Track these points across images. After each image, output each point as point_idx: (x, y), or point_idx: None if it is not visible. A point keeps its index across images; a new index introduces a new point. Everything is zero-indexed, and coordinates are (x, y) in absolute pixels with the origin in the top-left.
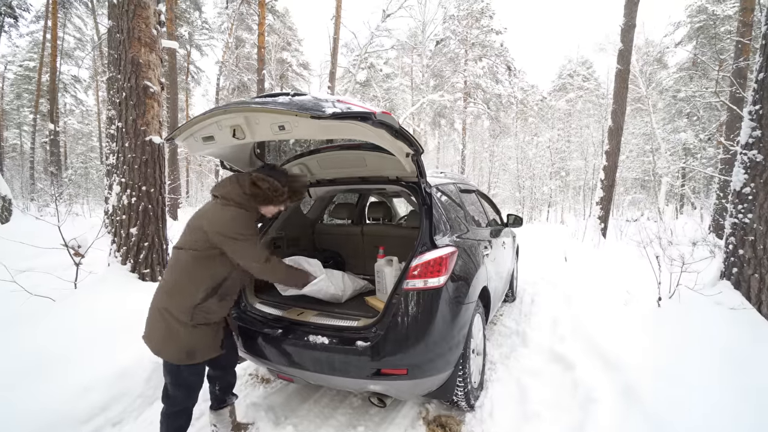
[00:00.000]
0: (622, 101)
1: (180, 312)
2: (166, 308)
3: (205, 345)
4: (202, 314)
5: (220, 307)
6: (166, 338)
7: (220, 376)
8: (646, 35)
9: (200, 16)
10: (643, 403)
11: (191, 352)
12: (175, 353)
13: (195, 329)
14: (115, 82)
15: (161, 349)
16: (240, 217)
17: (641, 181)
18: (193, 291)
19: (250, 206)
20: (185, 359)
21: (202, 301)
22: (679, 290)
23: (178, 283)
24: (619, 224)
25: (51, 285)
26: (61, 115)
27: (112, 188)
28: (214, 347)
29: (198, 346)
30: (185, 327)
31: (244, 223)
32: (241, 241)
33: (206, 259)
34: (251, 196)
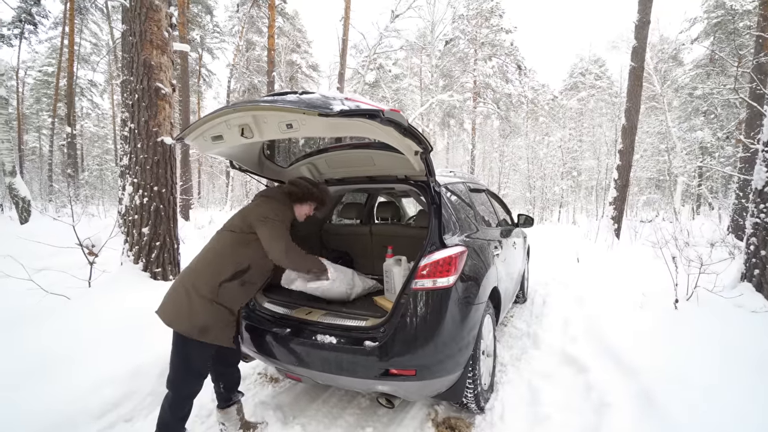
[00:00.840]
0: (636, 99)
1: (205, 286)
2: (192, 284)
3: (220, 327)
4: (225, 293)
5: (240, 293)
6: (182, 310)
7: (225, 373)
8: (661, 32)
9: (211, 20)
10: (659, 408)
11: (205, 328)
12: (187, 326)
13: (214, 306)
14: (128, 85)
15: (174, 319)
16: (276, 205)
17: (656, 181)
18: (221, 268)
19: (285, 202)
20: (197, 334)
21: (228, 279)
22: (697, 292)
23: (207, 259)
24: (633, 225)
25: (66, 283)
26: (77, 118)
27: (125, 189)
28: (227, 335)
29: (213, 325)
30: (205, 301)
31: (278, 209)
32: (271, 220)
33: (240, 242)
34: (288, 194)
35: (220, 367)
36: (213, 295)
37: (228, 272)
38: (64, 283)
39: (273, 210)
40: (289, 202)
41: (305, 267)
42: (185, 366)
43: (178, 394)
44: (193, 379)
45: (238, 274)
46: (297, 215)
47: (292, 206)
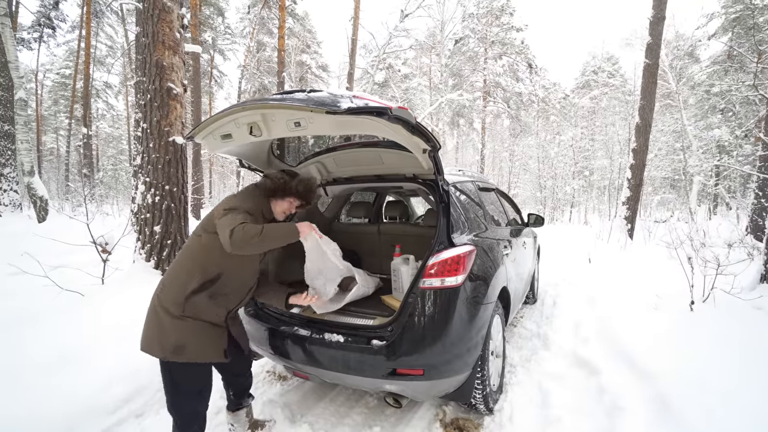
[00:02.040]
0: (651, 97)
1: (170, 302)
2: (160, 301)
3: (198, 343)
4: (192, 308)
5: (210, 306)
6: (152, 332)
7: (233, 382)
8: (677, 28)
9: (223, 22)
10: (675, 412)
11: (178, 347)
12: (158, 347)
13: (184, 322)
14: (141, 85)
15: (145, 344)
16: (243, 196)
17: (671, 181)
18: (187, 279)
19: (257, 196)
20: (170, 354)
21: (192, 292)
22: (714, 294)
23: (174, 271)
24: (647, 225)
25: (80, 281)
26: (93, 119)
27: (138, 188)
28: (212, 351)
29: (187, 342)
30: (173, 319)
31: (244, 199)
32: (231, 210)
33: (207, 246)
34: (261, 189)
35: (229, 376)
36: (179, 310)
37: (194, 283)
38: (78, 281)
39: (238, 199)
40: (264, 197)
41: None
42: (175, 389)
43: (179, 416)
44: (190, 399)
45: (206, 285)
46: (275, 213)
47: (267, 202)
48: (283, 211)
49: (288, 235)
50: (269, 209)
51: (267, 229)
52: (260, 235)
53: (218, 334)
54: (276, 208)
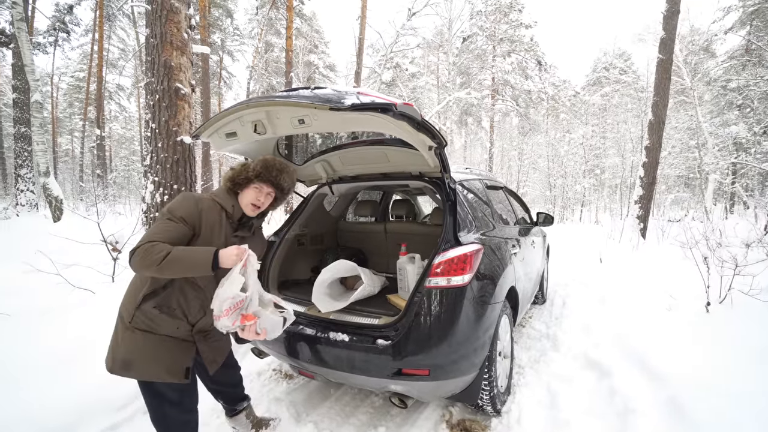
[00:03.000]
0: (665, 93)
1: (124, 308)
2: (119, 308)
3: (146, 359)
4: (143, 318)
5: (161, 318)
6: (111, 340)
7: (220, 392)
8: (692, 22)
9: (232, 23)
10: (688, 416)
11: (126, 362)
12: (110, 359)
13: (133, 334)
14: (150, 86)
15: (106, 355)
16: (189, 196)
17: (685, 179)
18: (140, 285)
19: (224, 196)
20: (118, 369)
21: (143, 300)
22: (731, 294)
23: (132, 279)
24: (661, 225)
25: (92, 279)
26: (106, 121)
27: (148, 187)
28: (164, 369)
29: (134, 357)
30: (124, 328)
31: (181, 204)
32: (161, 220)
33: None
34: (224, 181)
35: (212, 387)
36: (129, 318)
37: (145, 289)
38: (90, 279)
39: (178, 203)
40: (231, 192)
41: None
42: (152, 401)
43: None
44: (172, 410)
45: (150, 296)
46: (244, 207)
47: (235, 198)
48: (250, 202)
49: (198, 265)
50: (238, 206)
51: (174, 255)
52: (162, 261)
53: (179, 350)
54: (243, 200)
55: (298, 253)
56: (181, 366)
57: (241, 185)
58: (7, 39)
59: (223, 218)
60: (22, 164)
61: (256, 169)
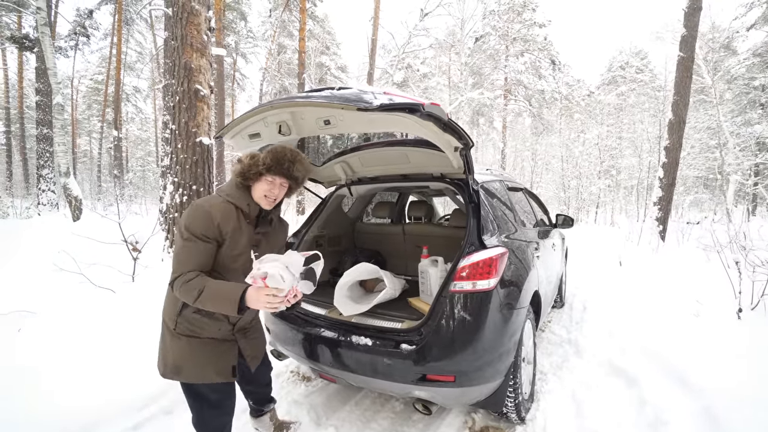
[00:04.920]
0: (685, 92)
1: (167, 317)
2: (162, 314)
3: (196, 364)
4: (186, 324)
5: (204, 321)
6: (160, 346)
7: (253, 392)
8: (713, 19)
9: (245, 26)
10: (726, 429)
11: (177, 368)
12: (161, 364)
13: (179, 340)
14: (169, 88)
15: (158, 360)
16: (201, 209)
17: (704, 180)
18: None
19: (237, 194)
20: (169, 373)
21: (183, 306)
22: (764, 301)
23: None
24: (680, 227)
25: (112, 278)
26: (123, 122)
27: (166, 188)
28: (213, 371)
29: (184, 362)
30: (171, 335)
31: (195, 220)
32: (182, 240)
33: None
34: (234, 175)
35: (247, 386)
36: (173, 326)
37: (180, 302)
38: (110, 278)
39: (190, 216)
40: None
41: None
42: (196, 404)
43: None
44: (213, 413)
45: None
46: (258, 200)
47: (248, 192)
48: (263, 194)
49: (227, 306)
50: (253, 203)
51: (204, 296)
52: (196, 300)
53: (224, 350)
54: (255, 194)
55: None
56: (228, 365)
57: (252, 179)
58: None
59: (241, 219)
60: (43, 165)
61: (266, 162)
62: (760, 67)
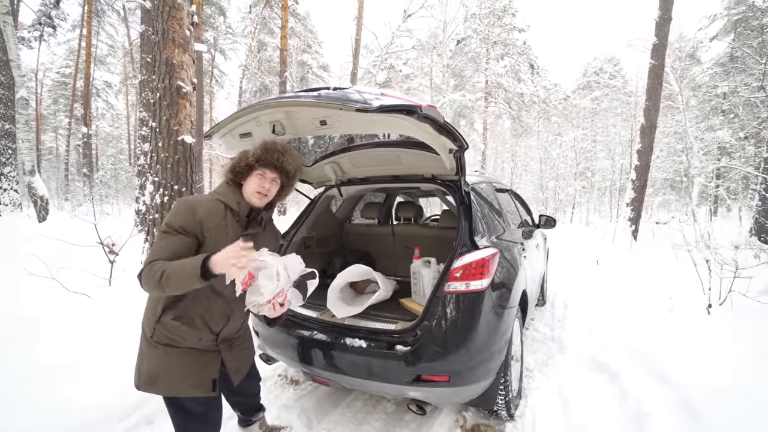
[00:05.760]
0: (656, 98)
1: (146, 323)
2: (142, 320)
3: (173, 374)
4: (164, 332)
5: (182, 331)
6: (137, 357)
7: (240, 403)
8: (680, 30)
9: (224, 21)
10: (703, 419)
11: (151, 378)
12: (136, 374)
13: (155, 349)
14: (147, 84)
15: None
16: (185, 204)
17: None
18: (156, 300)
19: (228, 193)
20: (143, 385)
21: (163, 312)
22: (731, 297)
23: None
24: (650, 227)
25: (87, 282)
26: (93, 118)
27: (146, 188)
28: (191, 384)
29: (160, 373)
30: (148, 343)
31: (176, 214)
32: (160, 233)
33: None
34: (225, 172)
35: (234, 398)
36: (150, 333)
37: (161, 305)
38: (84, 282)
39: (174, 213)
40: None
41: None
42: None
43: None
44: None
45: (169, 308)
46: (248, 197)
47: (238, 188)
48: (255, 190)
49: (187, 279)
50: (244, 202)
51: (167, 272)
52: (160, 280)
53: (204, 362)
54: (247, 191)
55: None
56: (208, 378)
57: (242, 174)
58: None
59: (228, 218)
60: (6, 162)
61: (255, 154)
62: (722, 76)
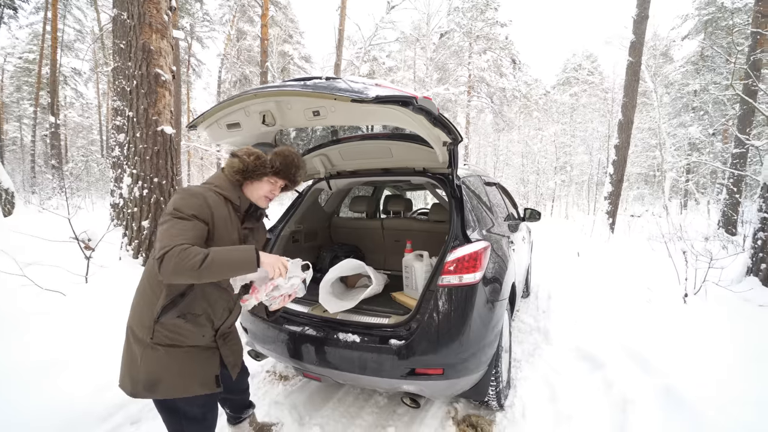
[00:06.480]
0: (633, 94)
1: (138, 325)
2: (129, 325)
3: (176, 375)
4: (165, 332)
5: (186, 329)
6: (125, 361)
7: (230, 399)
8: (655, 28)
9: (201, 8)
10: (684, 403)
11: (152, 382)
12: (129, 382)
13: (155, 351)
14: (121, 72)
15: (120, 377)
16: (192, 192)
17: (645, 176)
18: (151, 296)
19: (228, 187)
20: (143, 391)
21: (163, 312)
22: (705, 286)
23: (139, 288)
24: (626, 219)
25: (60, 279)
26: (61, 107)
27: (123, 180)
28: (196, 382)
29: (162, 375)
30: (143, 346)
31: (188, 201)
32: (172, 219)
33: None
34: (225, 169)
35: (225, 394)
36: (148, 335)
37: (162, 300)
38: (58, 279)
39: (182, 200)
40: (234, 183)
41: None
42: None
43: None
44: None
45: (170, 306)
46: (254, 199)
47: (239, 188)
48: (263, 195)
49: (242, 265)
50: (244, 197)
51: (214, 256)
52: (202, 264)
53: (206, 359)
54: (253, 194)
55: (293, 250)
56: (211, 375)
57: (253, 178)
58: None
59: (230, 211)
60: None
61: (275, 166)
62: (693, 74)
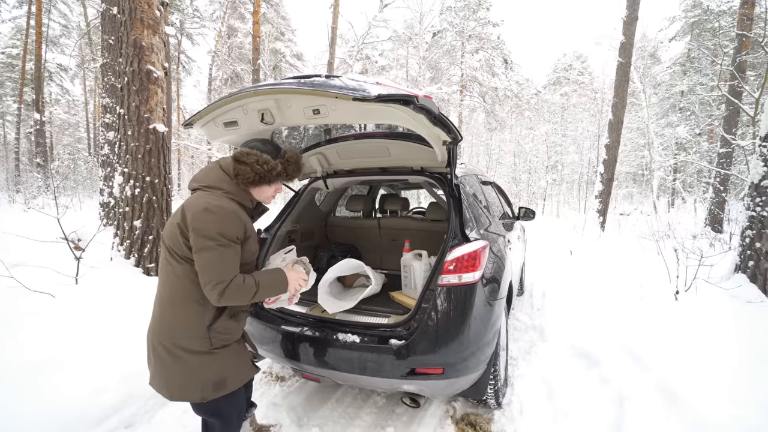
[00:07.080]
0: (623, 95)
1: (189, 340)
2: (173, 342)
3: (235, 369)
4: (219, 336)
5: (237, 324)
6: (182, 377)
7: None
8: (643, 30)
9: (191, 4)
10: (680, 399)
11: (220, 382)
12: (198, 391)
13: (216, 355)
14: (111, 68)
15: (177, 391)
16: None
17: (633, 175)
18: (200, 311)
19: (240, 192)
20: (212, 392)
21: (213, 320)
22: (696, 283)
23: (170, 308)
24: (616, 218)
25: (49, 280)
26: (46, 104)
27: (114, 179)
28: (246, 368)
29: (227, 374)
30: (202, 356)
31: (230, 224)
32: (219, 248)
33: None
34: (238, 178)
35: None
36: (206, 345)
37: (210, 313)
38: (47, 280)
39: (222, 221)
40: (243, 188)
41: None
42: (222, 424)
43: None
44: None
45: (222, 310)
46: (262, 200)
47: (249, 193)
48: (270, 196)
49: (278, 290)
50: (250, 198)
51: (260, 286)
52: (253, 297)
53: (242, 347)
54: (261, 195)
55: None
56: (248, 359)
57: (263, 183)
58: None
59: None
60: None
61: (288, 172)
62: (680, 75)
